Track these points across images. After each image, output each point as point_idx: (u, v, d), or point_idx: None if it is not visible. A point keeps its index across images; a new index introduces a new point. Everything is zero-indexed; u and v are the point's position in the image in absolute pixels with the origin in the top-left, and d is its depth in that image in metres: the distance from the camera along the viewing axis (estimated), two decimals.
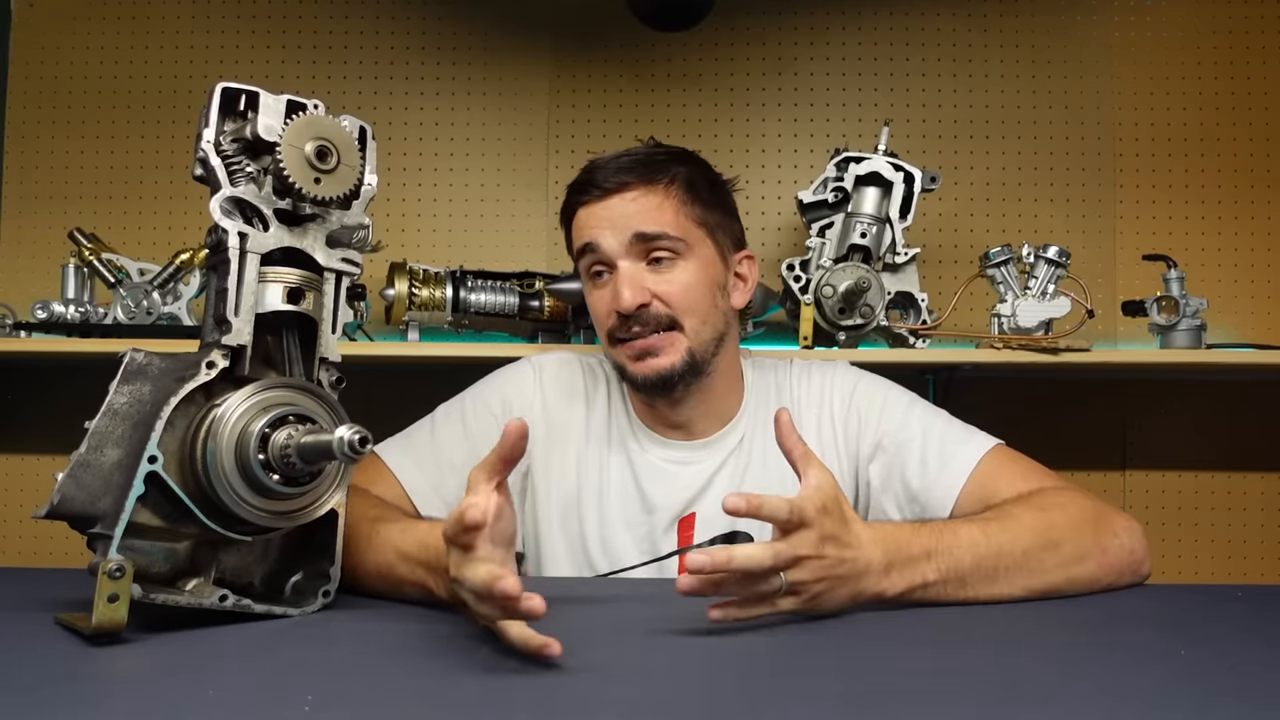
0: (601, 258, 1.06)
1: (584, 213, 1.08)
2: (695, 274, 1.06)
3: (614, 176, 1.06)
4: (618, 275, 1.05)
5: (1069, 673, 0.58)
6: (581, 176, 1.09)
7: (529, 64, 1.96)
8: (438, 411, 1.13)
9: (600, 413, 1.14)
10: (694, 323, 1.05)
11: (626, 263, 1.05)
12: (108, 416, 0.67)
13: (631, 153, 1.09)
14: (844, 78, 1.96)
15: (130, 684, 0.54)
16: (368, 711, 0.48)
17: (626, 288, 1.03)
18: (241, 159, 0.71)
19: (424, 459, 1.06)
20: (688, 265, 1.06)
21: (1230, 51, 1.93)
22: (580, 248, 1.08)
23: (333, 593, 0.73)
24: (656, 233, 1.04)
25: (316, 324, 0.74)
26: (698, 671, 0.58)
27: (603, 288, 1.07)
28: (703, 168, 1.12)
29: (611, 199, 1.05)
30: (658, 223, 1.04)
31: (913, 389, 1.14)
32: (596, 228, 1.06)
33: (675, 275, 1.05)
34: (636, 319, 1.04)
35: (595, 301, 1.09)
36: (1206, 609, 0.84)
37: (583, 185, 1.08)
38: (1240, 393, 1.89)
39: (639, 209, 1.05)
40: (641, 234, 1.04)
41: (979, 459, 0.99)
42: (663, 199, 1.06)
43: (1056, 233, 1.89)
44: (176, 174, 1.93)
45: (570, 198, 1.10)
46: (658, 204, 1.05)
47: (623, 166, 1.07)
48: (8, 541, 1.93)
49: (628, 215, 1.05)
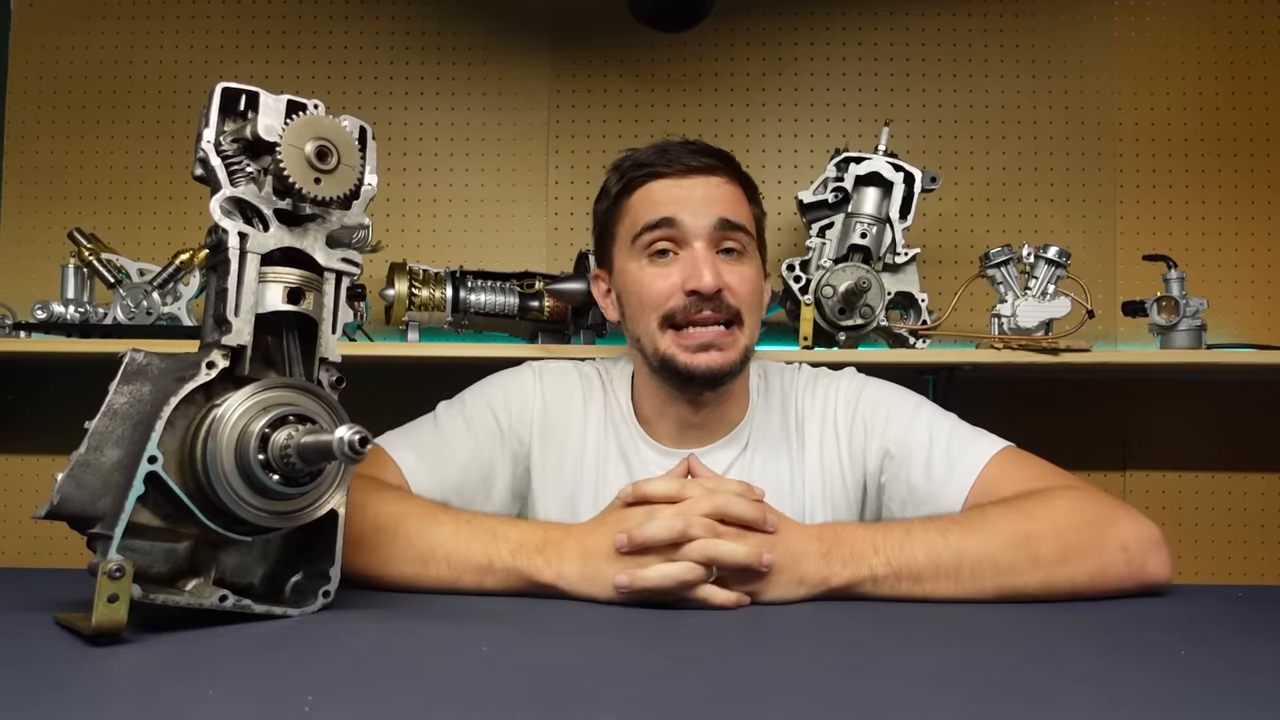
0: (677, 235, 1.03)
1: (661, 186, 1.04)
2: (755, 273, 1.06)
3: (700, 157, 1.04)
4: (694, 255, 1.01)
5: (1069, 673, 0.58)
6: (650, 153, 1.06)
7: (529, 64, 1.96)
8: (439, 408, 1.12)
9: (597, 421, 1.12)
10: (751, 321, 1.05)
11: (703, 244, 1.02)
12: (108, 416, 0.67)
13: (695, 141, 1.08)
14: (844, 78, 1.96)
15: (130, 684, 0.54)
16: (368, 711, 0.48)
17: (708, 268, 1.00)
18: (241, 159, 0.71)
19: (426, 451, 1.05)
20: (751, 262, 1.06)
21: (1230, 51, 1.94)
22: (653, 221, 1.03)
23: (333, 593, 0.73)
24: (739, 222, 1.04)
25: (316, 324, 0.74)
26: (698, 671, 0.58)
27: (667, 265, 1.03)
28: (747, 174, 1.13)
29: (697, 178, 1.04)
30: (739, 214, 1.04)
31: (913, 389, 1.12)
32: (677, 204, 1.03)
33: (744, 269, 1.04)
34: (711, 302, 1.01)
35: (655, 280, 1.03)
36: (1206, 609, 0.84)
37: (662, 158, 1.05)
38: (1240, 393, 1.89)
39: (723, 195, 1.04)
40: (726, 220, 1.03)
41: (986, 461, 0.96)
42: (742, 194, 1.06)
43: (1056, 233, 1.89)
44: (176, 174, 1.93)
45: (640, 170, 1.06)
46: (740, 197, 1.06)
47: (704, 149, 1.05)
48: (8, 541, 1.93)
49: (713, 199, 1.03)
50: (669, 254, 1.04)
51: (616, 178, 1.10)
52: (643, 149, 1.09)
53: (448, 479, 1.04)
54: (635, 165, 1.07)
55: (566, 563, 0.79)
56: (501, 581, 0.81)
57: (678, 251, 1.04)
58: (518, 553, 0.80)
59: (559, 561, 0.79)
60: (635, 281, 1.06)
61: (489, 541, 0.82)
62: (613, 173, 1.11)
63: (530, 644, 0.64)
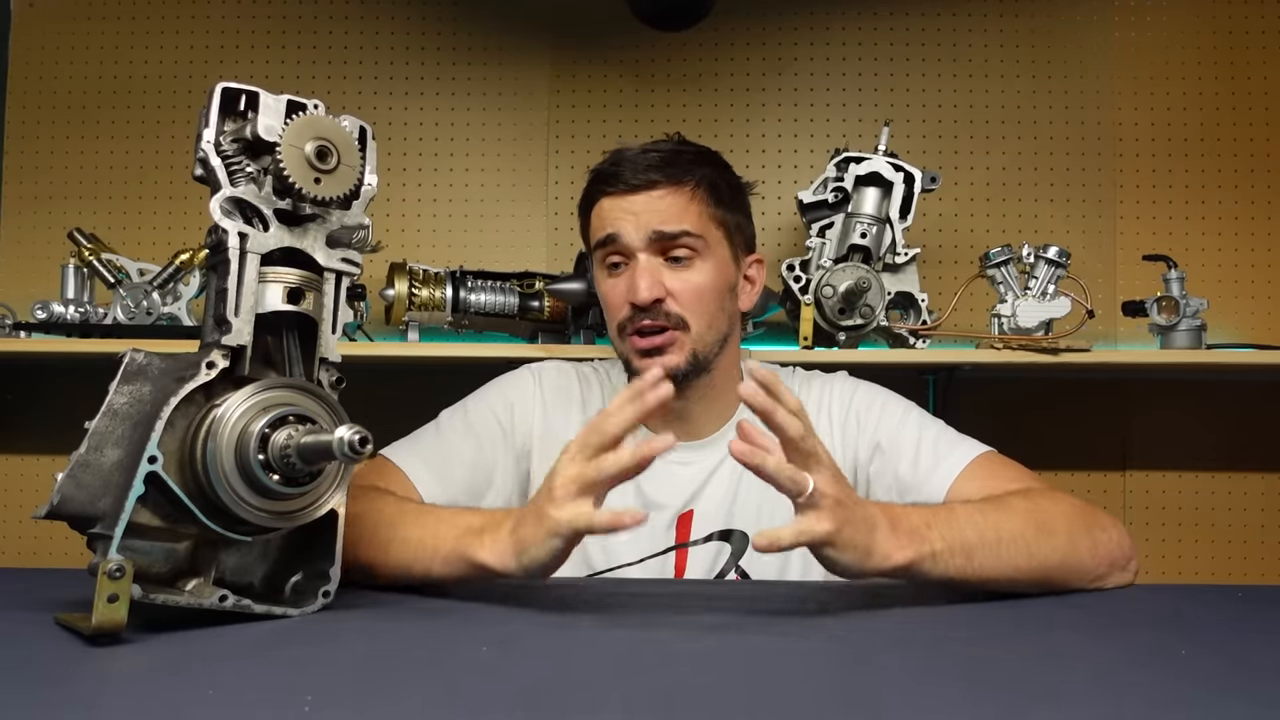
0: (621, 249, 1.08)
1: (608, 203, 1.09)
2: (710, 275, 1.08)
3: (642, 174, 1.07)
4: (635, 267, 1.07)
5: (1069, 672, 0.58)
6: (607, 166, 1.10)
7: (529, 64, 1.96)
8: (441, 415, 1.14)
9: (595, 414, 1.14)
10: (700, 325, 1.07)
11: (645, 256, 1.07)
12: (108, 416, 0.67)
13: (658, 147, 1.10)
14: (844, 78, 1.96)
15: (130, 684, 0.54)
16: (368, 711, 0.48)
17: (643, 280, 1.05)
18: (241, 159, 0.71)
19: (431, 456, 1.07)
20: (704, 265, 1.08)
21: (1230, 51, 1.93)
22: (601, 238, 1.09)
23: (333, 593, 0.73)
24: (677, 231, 1.06)
25: (316, 324, 0.74)
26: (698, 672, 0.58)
27: (618, 277, 1.09)
28: (725, 170, 1.14)
29: (638, 195, 1.07)
30: (679, 221, 1.06)
31: (913, 389, 1.15)
32: (620, 219, 1.07)
33: (691, 275, 1.07)
34: (649, 312, 1.05)
35: (609, 291, 1.10)
36: (1206, 609, 0.84)
37: (609, 176, 1.09)
38: (1240, 393, 1.89)
39: (663, 207, 1.07)
40: (662, 232, 1.06)
41: (969, 460, 1.01)
42: (688, 200, 1.08)
43: (1056, 233, 1.89)
44: (176, 174, 1.93)
45: (594, 186, 1.11)
46: (683, 204, 1.07)
47: (651, 164, 1.08)
48: (8, 541, 1.93)
49: (651, 212, 1.06)
50: (621, 266, 1.09)
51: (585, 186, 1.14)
52: (610, 156, 1.12)
53: (455, 483, 1.05)
54: (593, 179, 1.12)
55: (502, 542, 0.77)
56: (447, 566, 0.81)
57: (626, 264, 1.09)
58: (461, 537, 0.80)
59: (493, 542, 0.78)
60: (600, 289, 1.13)
61: (440, 528, 0.83)
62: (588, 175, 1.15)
63: (530, 644, 0.64)
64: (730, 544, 1.09)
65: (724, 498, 1.10)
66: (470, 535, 0.80)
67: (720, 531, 1.09)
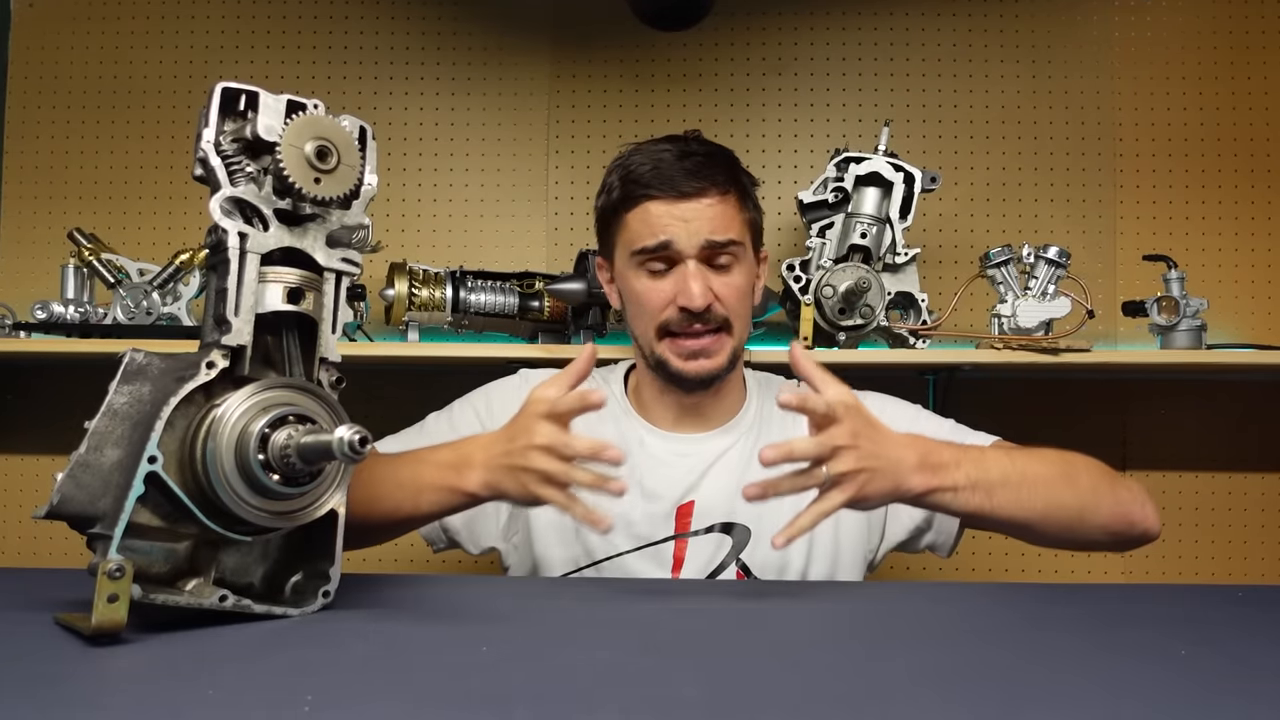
0: (670, 254, 1.09)
1: (657, 208, 1.09)
2: (746, 277, 1.12)
3: (693, 180, 1.08)
4: (686, 272, 1.08)
5: (1069, 672, 0.58)
6: (645, 169, 1.09)
7: (529, 64, 1.96)
8: (427, 417, 1.18)
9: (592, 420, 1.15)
10: (740, 325, 1.12)
11: (694, 263, 1.08)
12: (107, 416, 0.67)
13: (693, 150, 1.10)
14: (844, 78, 1.96)
15: (130, 684, 0.54)
16: (368, 711, 0.48)
17: (698, 286, 1.07)
18: (241, 159, 0.71)
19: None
20: (741, 269, 1.12)
21: (1230, 51, 1.93)
22: (653, 245, 1.08)
23: (333, 593, 0.73)
24: (726, 240, 1.09)
25: (316, 324, 0.74)
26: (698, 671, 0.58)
27: (660, 280, 1.10)
28: (744, 168, 1.17)
29: (689, 202, 1.08)
30: (728, 231, 1.09)
31: (913, 389, 1.17)
32: (671, 225, 1.08)
33: (732, 279, 1.11)
34: (699, 316, 1.08)
35: (651, 293, 1.10)
36: (1206, 609, 0.84)
37: (655, 181, 1.09)
38: (1240, 393, 1.89)
39: (714, 215, 1.09)
40: (714, 241, 1.08)
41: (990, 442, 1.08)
42: (734, 209, 1.11)
43: (1056, 233, 1.89)
44: (176, 174, 1.93)
45: (635, 189, 1.10)
46: (730, 213, 1.10)
47: (700, 169, 1.09)
48: (7, 541, 1.93)
49: (703, 220, 1.08)
50: (663, 269, 1.10)
51: (618, 184, 1.13)
52: (642, 155, 1.11)
53: None
54: (634, 180, 1.11)
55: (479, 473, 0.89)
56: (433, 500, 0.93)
57: (671, 267, 1.10)
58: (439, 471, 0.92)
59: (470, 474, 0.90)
60: (634, 291, 1.13)
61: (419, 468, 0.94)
62: (614, 174, 1.14)
63: (530, 644, 0.64)
64: (731, 537, 1.09)
65: (726, 490, 1.10)
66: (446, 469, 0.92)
67: (722, 524, 1.10)
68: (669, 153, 1.10)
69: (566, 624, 0.72)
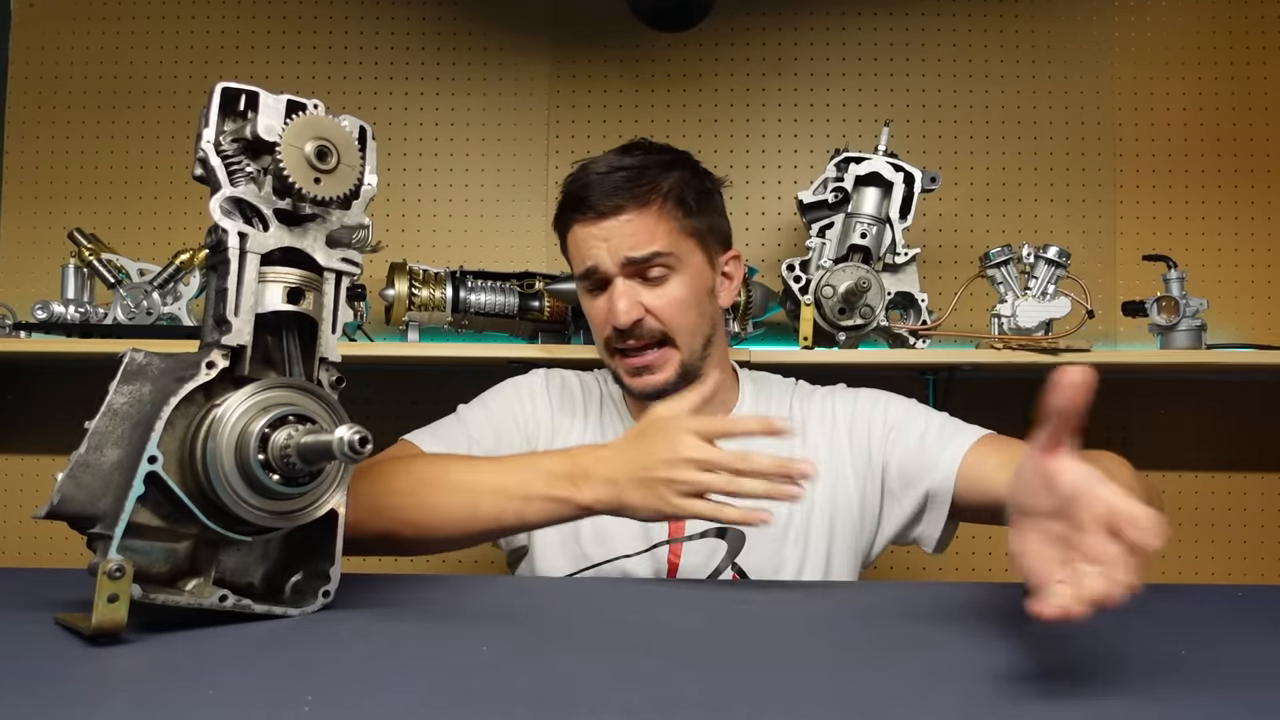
0: (600, 275, 1.10)
1: (580, 231, 1.11)
2: (686, 286, 1.10)
3: (608, 199, 1.08)
4: (612, 292, 1.09)
5: (1068, 672, 0.58)
6: (574, 188, 1.11)
7: (529, 64, 1.96)
8: (460, 409, 1.18)
9: (595, 421, 1.19)
10: (685, 336, 1.10)
11: (621, 280, 1.09)
12: (108, 416, 0.67)
13: (624, 164, 1.10)
14: (844, 78, 1.96)
15: (130, 684, 0.54)
16: (368, 711, 0.48)
17: (621, 303, 1.07)
18: (241, 159, 0.71)
19: (455, 442, 1.10)
20: (680, 278, 1.10)
21: (1230, 51, 1.93)
22: (582, 271, 1.12)
23: (333, 593, 0.73)
24: (647, 255, 1.08)
25: (316, 324, 0.74)
26: (698, 671, 0.58)
27: (599, 298, 1.12)
28: (693, 172, 1.14)
29: (606, 221, 1.08)
30: (649, 244, 1.08)
31: (913, 389, 1.17)
32: (594, 248, 1.09)
33: (668, 290, 1.09)
34: (630, 333, 1.08)
35: (593, 311, 1.14)
36: (1206, 609, 0.83)
37: (576, 202, 1.10)
38: (1240, 393, 1.89)
39: (631, 230, 1.08)
40: (632, 258, 1.08)
41: (980, 436, 1.07)
42: (655, 220, 1.08)
43: (1056, 233, 1.89)
44: (176, 174, 1.93)
45: (564, 212, 1.13)
46: (650, 225, 1.08)
47: (617, 186, 1.08)
48: (8, 541, 1.93)
49: (621, 237, 1.08)
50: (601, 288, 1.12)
51: (557, 207, 1.15)
52: (577, 174, 1.12)
53: None
54: (564, 204, 1.13)
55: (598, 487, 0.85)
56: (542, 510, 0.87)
57: (605, 286, 1.11)
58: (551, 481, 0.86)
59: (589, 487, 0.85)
60: (584, 308, 1.16)
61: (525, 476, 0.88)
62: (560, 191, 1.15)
63: (530, 644, 0.64)
64: (726, 541, 1.10)
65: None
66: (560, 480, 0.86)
67: (717, 529, 1.10)
68: (599, 170, 1.10)
69: (566, 624, 0.72)
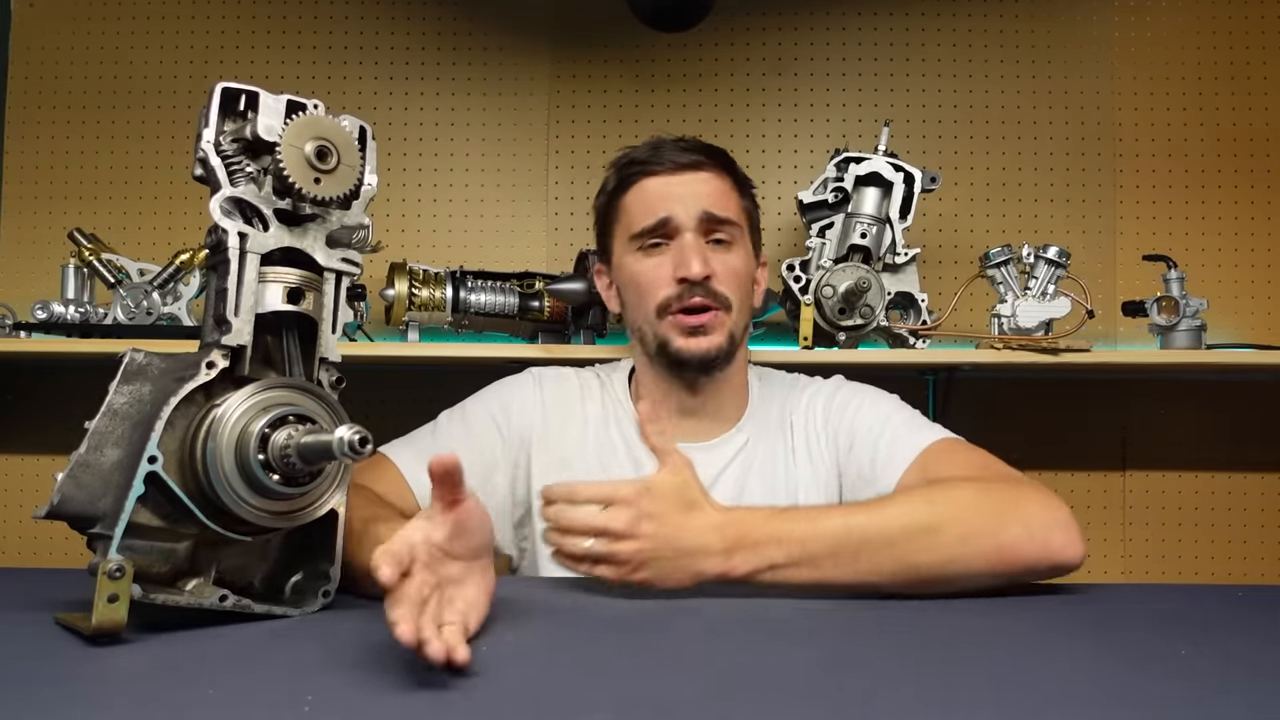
0: (669, 228, 1.09)
1: (653, 184, 1.11)
2: (744, 261, 1.13)
3: (689, 154, 1.11)
4: (684, 244, 1.08)
5: (1068, 673, 0.58)
6: (642, 151, 1.13)
7: (529, 64, 1.96)
8: (440, 416, 1.15)
9: (597, 421, 1.15)
10: (738, 309, 1.11)
11: (692, 235, 1.09)
12: (108, 416, 0.67)
13: (687, 140, 1.14)
14: (844, 78, 1.96)
15: (130, 684, 0.54)
16: (368, 711, 0.48)
17: (695, 256, 1.07)
18: (241, 159, 0.71)
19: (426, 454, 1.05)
20: (740, 251, 1.12)
21: (1230, 51, 1.93)
22: (651, 224, 1.09)
23: (333, 593, 0.73)
24: (725, 216, 1.10)
25: (316, 324, 0.74)
26: (695, 672, 0.58)
27: (658, 256, 1.10)
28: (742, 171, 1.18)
29: (685, 174, 1.10)
30: (725, 207, 1.11)
31: (913, 389, 1.15)
32: (668, 199, 1.10)
33: (730, 257, 1.11)
34: (700, 288, 1.07)
35: (649, 270, 1.10)
36: (1206, 609, 0.84)
37: (649, 156, 1.11)
38: (1240, 393, 1.89)
39: (711, 190, 1.10)
40: (711, 214, 1.09)
41: (924, 447, 1.01)
42: (730, 187, 1.13)
43: (1056, 233, 1.89)
44: (176, 174, 1.93)
45: (632, 168, 1.13)
46: (727, 190, 1.12)
47: (693, 147, 1.12)
48: (7, 541, 1.93)
49: (700, 194, 1.10)
50: (662, 246, 1.11)
51: (614, 173, 1.16)
52: (639, 146, 1.15)
53: None
54: (630, 163, 1.14)
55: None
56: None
57: (669, 243, 1.10)
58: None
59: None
60: (633, 272, 1.12)
61: None
62: (612, 168, 1.17)
63: (529, 644, 0.64)
64: None
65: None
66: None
67: None
68: (665, 138, 1.13)
69: (566, 623, 0.72)
